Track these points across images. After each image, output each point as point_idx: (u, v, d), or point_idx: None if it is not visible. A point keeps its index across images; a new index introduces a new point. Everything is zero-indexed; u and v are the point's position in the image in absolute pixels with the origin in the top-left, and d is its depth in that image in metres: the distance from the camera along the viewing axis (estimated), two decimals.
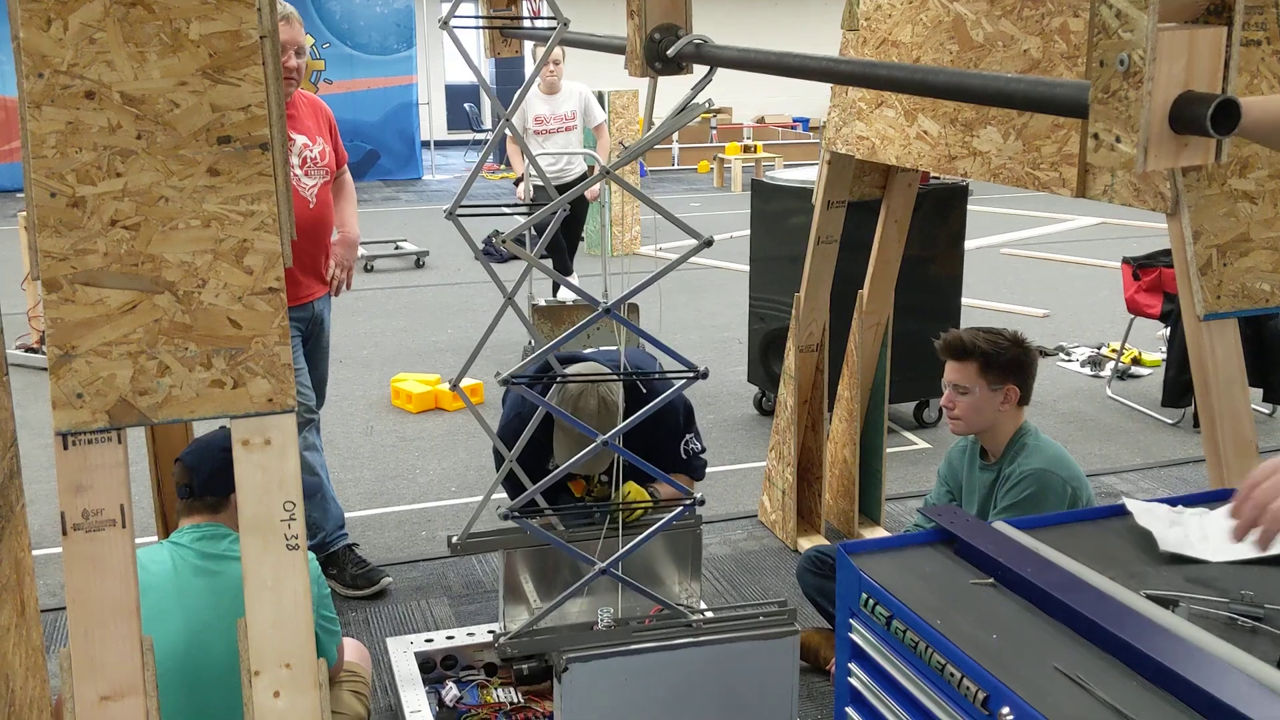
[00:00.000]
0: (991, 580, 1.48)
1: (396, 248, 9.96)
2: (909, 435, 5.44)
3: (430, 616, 3.80)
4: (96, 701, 1.76)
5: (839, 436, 4.24)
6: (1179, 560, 1.58)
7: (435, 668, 3.02)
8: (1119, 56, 1.19)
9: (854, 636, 1.54)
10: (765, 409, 5.65)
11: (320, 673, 1.84)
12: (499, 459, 3.59)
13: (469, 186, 2.57)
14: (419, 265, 9.71)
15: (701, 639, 2.38)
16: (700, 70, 2.35)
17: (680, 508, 2.47)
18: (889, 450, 4.34)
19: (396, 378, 6.12)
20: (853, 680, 1.55)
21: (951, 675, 1.32)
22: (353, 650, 2.84)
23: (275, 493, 1.81)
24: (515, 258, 9.08)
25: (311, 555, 2.58)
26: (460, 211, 2.44)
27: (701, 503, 2.42)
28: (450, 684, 2.92)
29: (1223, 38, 1.18)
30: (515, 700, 2.88)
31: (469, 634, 3.11)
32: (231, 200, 1.79)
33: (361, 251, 8.92)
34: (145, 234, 1.76)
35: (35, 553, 2.12)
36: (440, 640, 3.07)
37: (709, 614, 2.47)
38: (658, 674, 2.38)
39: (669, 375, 2.55)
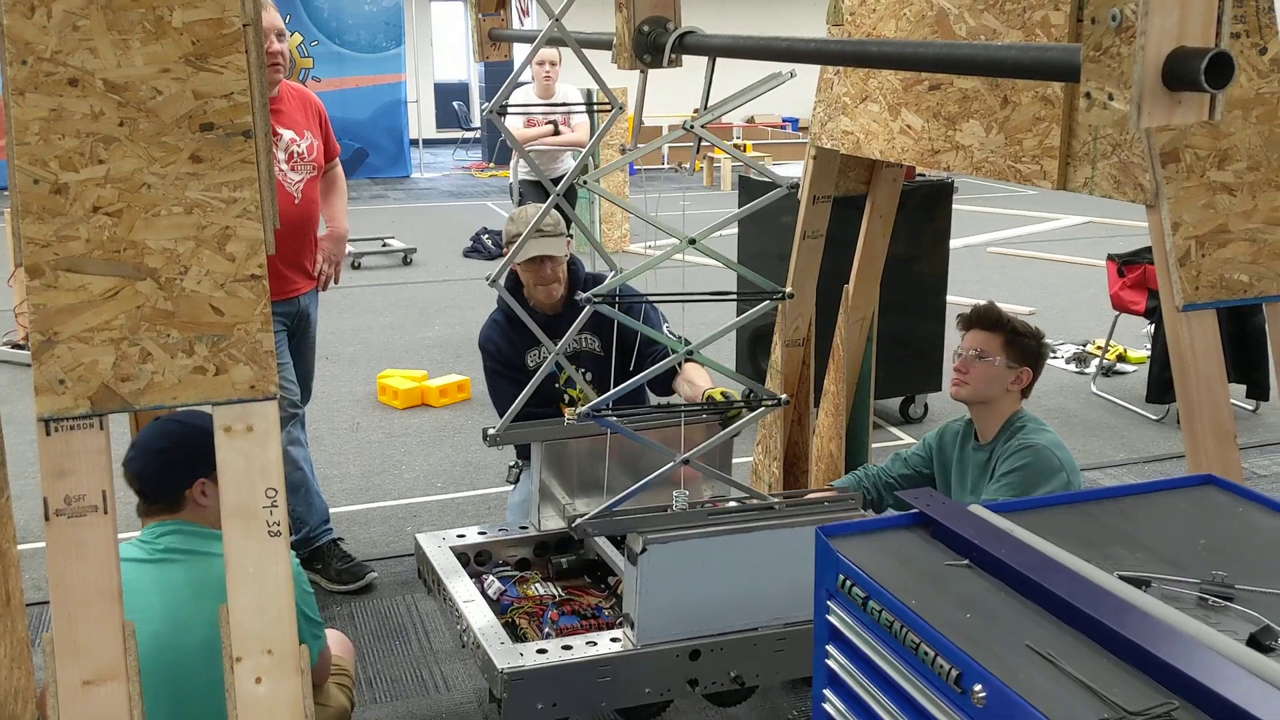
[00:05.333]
0: (967, 562, 1.49)
1: (384, 245, 9.96)
2: (895, 430, 5.46)
3: (416, 611, 3.81)
4: (79, 686, 1.76)
5: (825, 431, 4.25)
6: (1154, 543, 1.59)
7: (469, 563, 3.01)
8: (1110, 12, 1.19)
9: (831, 619, 1.56)
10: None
11: (302, 659, 1.84)
12: (496, 377, 3.67)
13: (514, 80, 2.65)
14: (407, 262, 9.72)
15: (775, 522, 2.45)
16: (690, 62, 2.37)
17: (762, 408, 2.62)
18: (875, 445, 4.36)
19: (383, 374, 6.12)
20: (830, 662, 1.56)
21: (926, 654, 1.34)
22: (336, 642, 2.84)
23: (257, 479, 1.81)
24: (502, 255, 9.10)
25: (291, 552, 2.57)
26: (510, 112, 2.53)
27: (787, 402, 2.52)
28: (492, 578, 2.92)
29: None
30: (555, 594, 2.89)
31: (501, 530, 3.12)
32: (214, 187, 1.79)
33: (349, 248, 8.93)
34: (128, 220, 1.77)
35: (21, 547, 2.12)
36: (472, 536, 3.07)
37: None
38: (733, 556, 2.44)
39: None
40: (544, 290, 3.55)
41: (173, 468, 2.36)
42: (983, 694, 1.25)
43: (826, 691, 1.57)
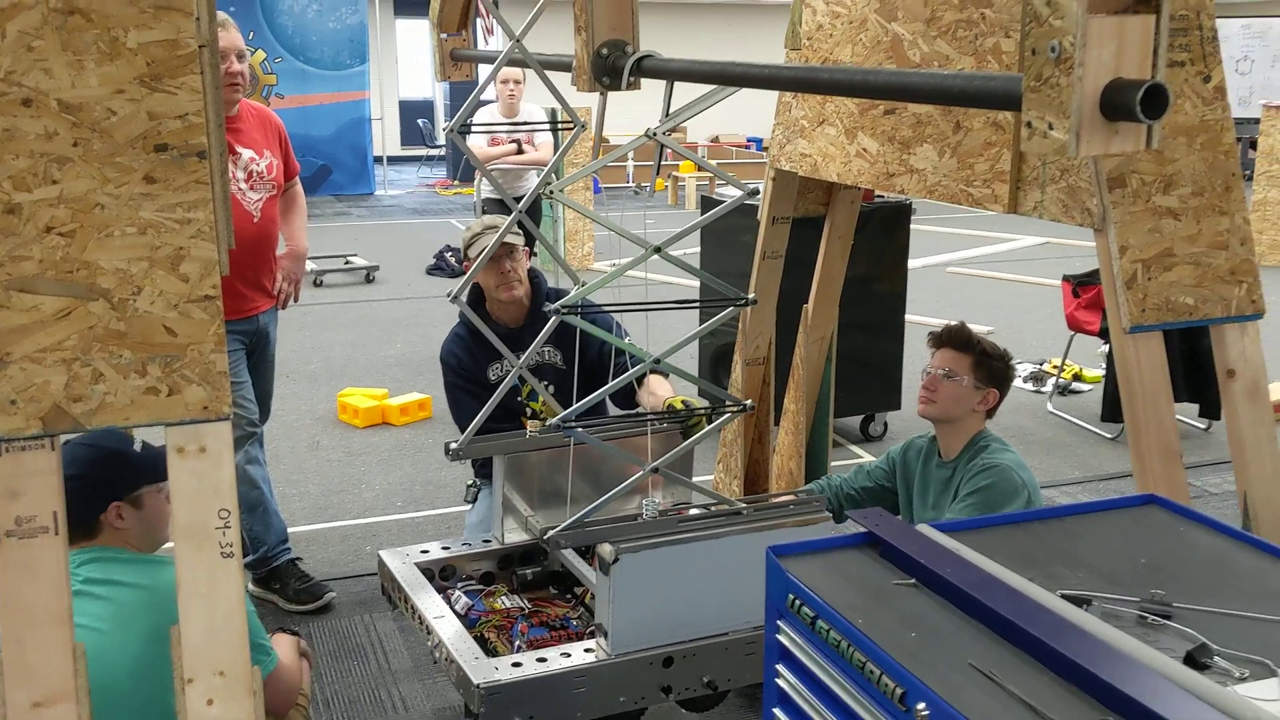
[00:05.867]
0: (913, 581, 1.52)
1: (346, 262, 9.93)
2: (854, 448, 5.50)
3: (374, 631, 3.79)
4: (29, 708, 1.75)
5: (785, 449, 4.28)
6: (1096, 562, 1.63)
7: (434, 579, 3.00)
8: (1050, 44, 1.23)
9: (781, 638, 1.57)
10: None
11: (255, 680, 1.83)
12: (457, 391, 3.68)
13: (476, 98, 2.71)
14: (369, 280, 9.69)
15: (744, 526, 2.49)
16: (650, 84, 2.40)
17: (727, 414, 2.67)
18: (834, 463, 4.39)
19: (343, 392, 6.10)
20: (779, 681, 1.58)
21: (871, 673, 1.36)
22: (294, 662, 2.82)
23: (210, 500, 1.81)
24: (465, 272, 9.09)
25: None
26: (474, 130, 2.60)
27: (752, 407, 2.62)
28: (459, 592, 2.91)
29: (1151, 25, 1.22)
30: (523, 606, 2.90)
31: (464, 544, 3.12)
32: (168, 208, 1.79)
33: (311, 266, 8.90)
34: (81, 241, 1.77)
35: None
36: (436, 551, 3.07)
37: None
38: (704, 562, 2.47)
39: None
40: (506, 291, 3.55)
41: (83, 494, 2.28)
42: (926, 712, 1.27)
43: (776, 710, 1.59)
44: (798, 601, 1.52)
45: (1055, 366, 6.49)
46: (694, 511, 2.66)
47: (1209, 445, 5.56)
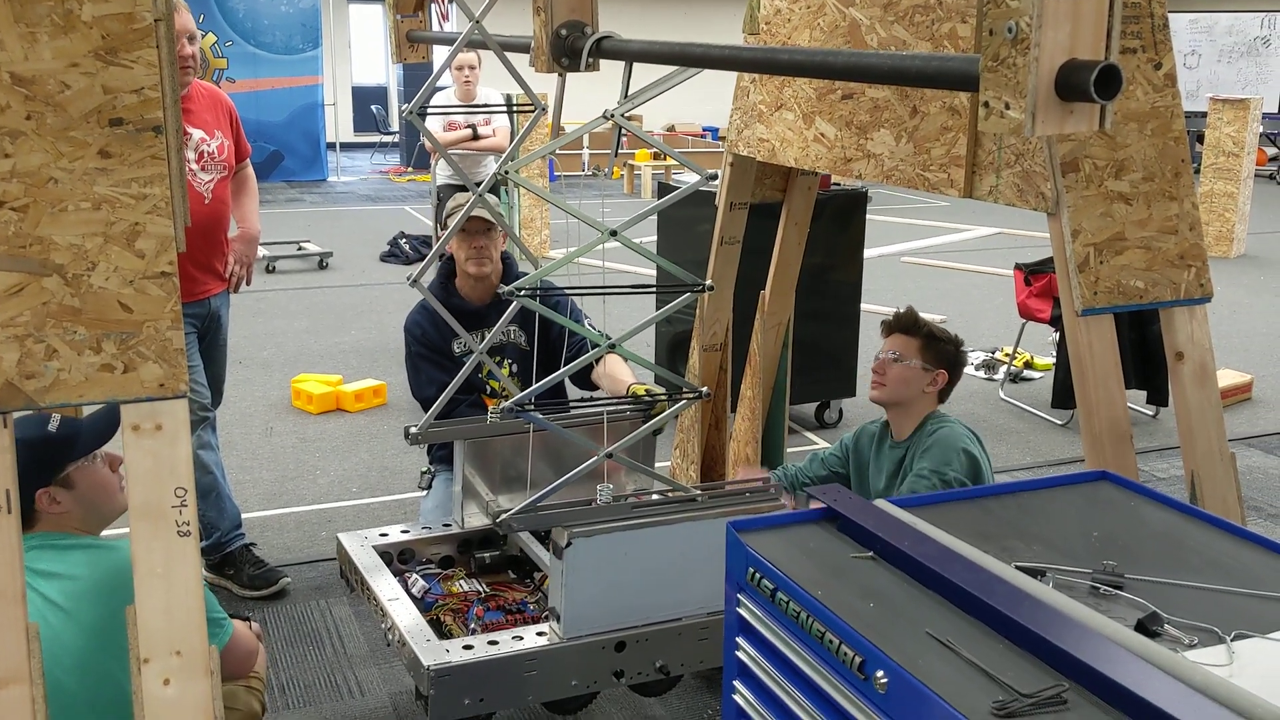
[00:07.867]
0: (871, 554, 1.54)
1: (299, 248, 9.83)
2: (810, 435, 5.54)
3: (330, 616, 3.77)
4: None
5: (742, 435, 4.30)
6: (1049, 536, 1.66)
7: (392, 562, 3.00)
8: (1007, 24, 1.25)
9: (741, 611, 1.59)
10: None
11: (211, 660, 1.82)
12: (420, 360, 3.65)
13: (434, 82, 2.73)
14: (322, 266, 9.60)
15: (698, 512, 2.52)
16: (607, 67, 2.40)
17: (684, 401, 2.72)
18: (790, 450, 4.42)
19: (297, 378, 6.05)
20: (740, 654, 1.59)
21: (830, 643, 1.37)
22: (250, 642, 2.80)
23: (166, 479, 1.79)
24: (420, 258, 9.02)
25: None
26: (430, 113, 2.62)
27: (709, 395, 2.55)
28: (416, 576, 2.91)
29: (1105, 7, 1.25)
30: (480, 590, 2.90)
31: (424, 528, 3.11)
32: (123, 183, 1.77)
33: (264, 252, 8.80)
34: (34, 216, 1.74)
35: None
36: (395, 534, 3.07)
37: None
38: (657, 548, 2.49)
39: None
40: (475, 265, 3.57)
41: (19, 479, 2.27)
42: (884, 679, 1.29)
43: (736, 683, 1.60)
44: (758, 575, 1.54)
45: (1007, 354, 6.57)
46: (650, 497, 2.68)
47: (1157, 432, 5.66)
